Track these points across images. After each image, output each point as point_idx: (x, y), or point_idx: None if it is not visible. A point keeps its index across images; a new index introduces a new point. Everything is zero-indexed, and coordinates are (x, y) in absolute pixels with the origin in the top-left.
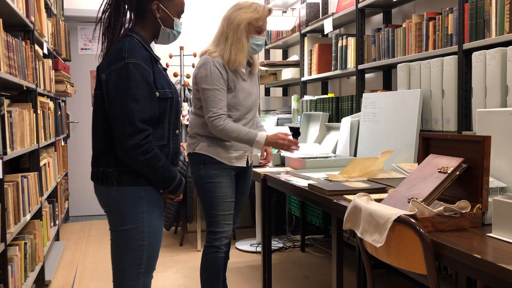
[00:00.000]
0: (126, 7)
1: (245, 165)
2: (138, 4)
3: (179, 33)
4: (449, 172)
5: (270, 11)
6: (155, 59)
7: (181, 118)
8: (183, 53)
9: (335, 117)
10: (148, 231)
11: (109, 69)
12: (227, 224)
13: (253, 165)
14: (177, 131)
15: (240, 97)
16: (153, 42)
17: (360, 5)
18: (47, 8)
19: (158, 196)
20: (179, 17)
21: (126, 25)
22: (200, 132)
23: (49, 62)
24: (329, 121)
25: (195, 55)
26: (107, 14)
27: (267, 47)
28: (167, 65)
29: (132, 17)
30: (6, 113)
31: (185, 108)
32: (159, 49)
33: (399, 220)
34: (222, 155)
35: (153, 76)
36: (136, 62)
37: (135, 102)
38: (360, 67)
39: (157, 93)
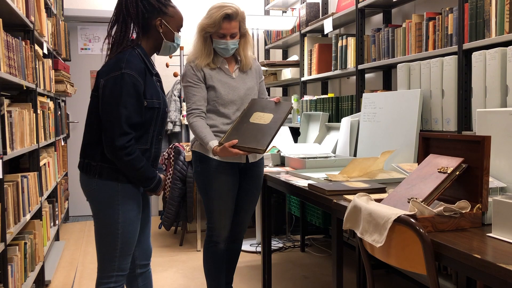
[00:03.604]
0: (132, 23)
1: (243, 162)
2: (143, 20)
3: (178, 45)
4: (449, 172)
5: (225, 16)
6: (150, 71)
7: (181, 118)
8: (183, 53)
9: (335, 117)
10: (123, 221)
11: (108, 76)
12: (223, 220)
13: None
14: (160, 137)
15: (222, 91)
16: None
17: (360, 5)
18: (47, 8)
19: (134, 191)
20: (178, 31)
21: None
22: None
23: (49, 62)
24: (329, 121)
25: None
26: (114, 29)
27: (267, 47)
28: (167, 65)
29: (137, 31)
30: (6, 113)
31: (185, 108)
32: None
33: (399, 220)
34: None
35: (143, 87)
36: (131, 73)
37: (124, 108)
38: (360, 67)
39: (145, 102)
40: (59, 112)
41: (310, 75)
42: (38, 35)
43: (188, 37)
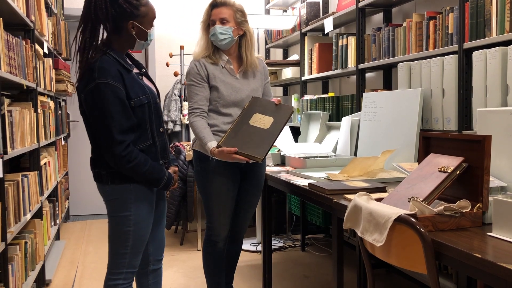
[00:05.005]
0: (102, 27)
1: (243, 162)
2: (114, 23)
3: (151, 40)
4: (449, 171)
5: (214, 3)
6: (127, 70)
7: (181, 117)
8: (183, 52)
9: (336, 116)
10: (135, 219)
11: (85, 90)
12: (222, 219)
13: None
14: (161, 129)
15: (224, 92)
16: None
17: (360, 4)
18: (47, 7)
19: (147, 189)
20: (152, 26)
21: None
22: None
23: (49, 61)
24: (329, 121)
25: None
26: (82, 35)
27: (267, 46)
28: (167, 65)
29: (107, 35)
30: (6, 112)
31: (186, 107)
32: (159, 49)
33: (399, 220)
34: None
35: (125, 89)
36: (106, 82)
37: (110, 118)
38: (361, 66)
39: (132, 103)
40: (60, 112)
41: (311, 74)
42: (39, 35)
43: (188, 38)
